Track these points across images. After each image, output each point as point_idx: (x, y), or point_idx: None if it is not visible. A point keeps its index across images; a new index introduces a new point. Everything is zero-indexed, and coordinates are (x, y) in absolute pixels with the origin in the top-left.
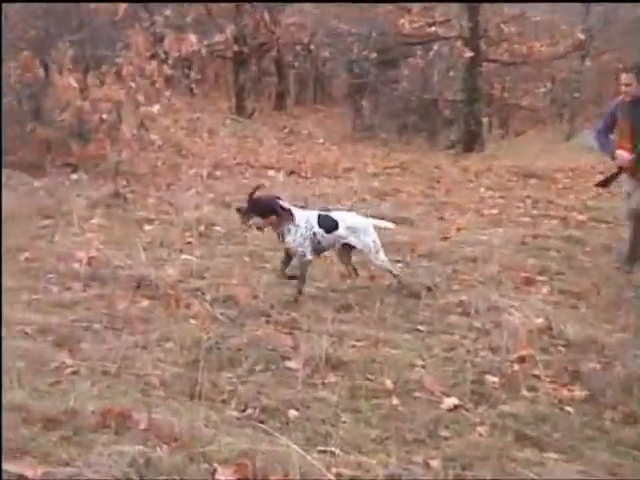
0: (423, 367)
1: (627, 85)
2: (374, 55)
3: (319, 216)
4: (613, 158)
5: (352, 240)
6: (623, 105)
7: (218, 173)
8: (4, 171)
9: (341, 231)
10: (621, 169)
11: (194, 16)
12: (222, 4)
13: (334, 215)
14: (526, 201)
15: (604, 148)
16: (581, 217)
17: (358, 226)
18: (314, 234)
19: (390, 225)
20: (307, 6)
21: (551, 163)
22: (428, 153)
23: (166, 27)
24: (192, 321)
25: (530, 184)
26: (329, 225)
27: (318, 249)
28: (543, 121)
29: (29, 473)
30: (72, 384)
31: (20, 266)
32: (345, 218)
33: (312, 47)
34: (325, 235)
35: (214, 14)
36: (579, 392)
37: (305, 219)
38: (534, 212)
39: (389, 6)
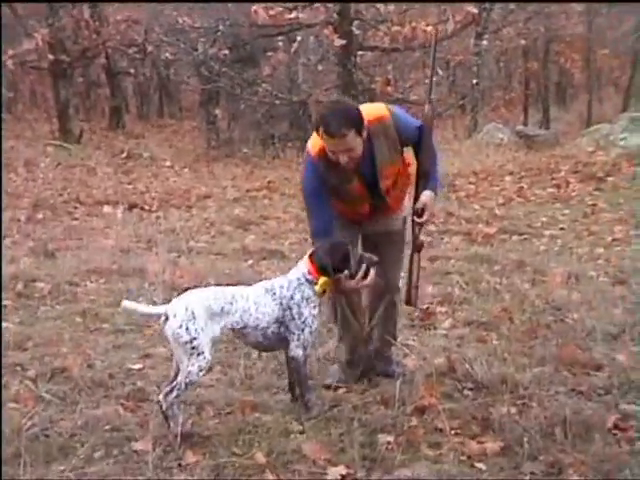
0: (301, 432)
1: None
2: (225, 52)
3: None
4: None
5: None
6: None
7: (40, 215)
8: None
9: None
10: None
11: None
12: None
13: None
14: None
15: None
16: (488, 229)
17: None
18: None
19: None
20: None
21: (451, 166)
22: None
23: None
24: (11, 405)
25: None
26: None
27: None
28: (439, 116)
29: None
30: None
31: None
32: None
33: (149, 48)
34: None
35: (20, 15)
36: (492, 444)
37: None
38: (431, 228)
39: None
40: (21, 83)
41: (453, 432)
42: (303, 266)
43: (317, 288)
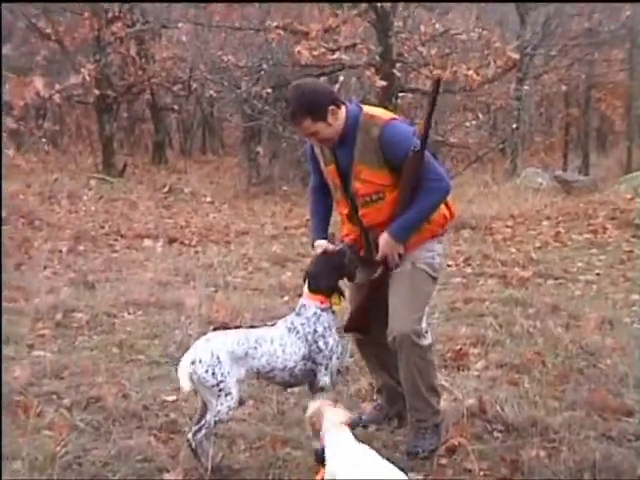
0: None
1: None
2: (268, 91)
3: None
4: None
5: None
6: None
7: (81, 247)
8: None
9: None
10: None
11: (43, 53)
12: (78, 36)
13: None
14: (457, 258)
15: None
16: (523, 273)
17: None
18: None
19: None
20: (184, 34)
21: (489, 209)
22: None
23: (7, 69)
24: (46, 432)
25: (462, 236)
26: None
27: None
28: (479, 159)
29: None
30: None
31: None
32: None
33: (193, 85)
34: None
35: (69, 49)
36: None
37: None
38: (467, 270)
39: (282, 31)
40: (67, 117)
41: (482, 473)
42: (311, 301)
43: (335, 308)
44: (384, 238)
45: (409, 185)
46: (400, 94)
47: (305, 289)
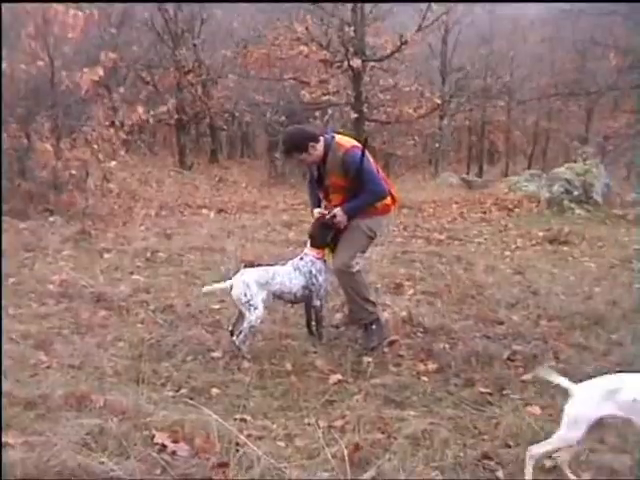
0: (315, 353)
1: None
2: (283, 119)
3: None
4: None
5: None
6: None
7: (163, 213)
8: None
9: None
10: None
11: (144, 92)
12: (166, 82)
13: None
14: (399, 226)
15: None
16: (440, 236)
17: None
18: None
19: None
20: (232, 82)
21: (419, 196)
22: None
23: (122, 102)
24: (139, 325)
25: (403, 213)
26: None
27: None
28: (415, 166)
29: (12, 442)
30: (46, 375)
31: (8, 288)
32: None
33: (236, 114)
34: None
35: (160, 90)
36: (432, 365)
37: None
38: (405, 234)
39: (293, 81)
40: (157, 132)
41: (409, 357)
42: (310, 252)
43: (327, 258)
44: (338, 210)
45: (354, 184)
46: (366, 122)
47: (308, 244)
